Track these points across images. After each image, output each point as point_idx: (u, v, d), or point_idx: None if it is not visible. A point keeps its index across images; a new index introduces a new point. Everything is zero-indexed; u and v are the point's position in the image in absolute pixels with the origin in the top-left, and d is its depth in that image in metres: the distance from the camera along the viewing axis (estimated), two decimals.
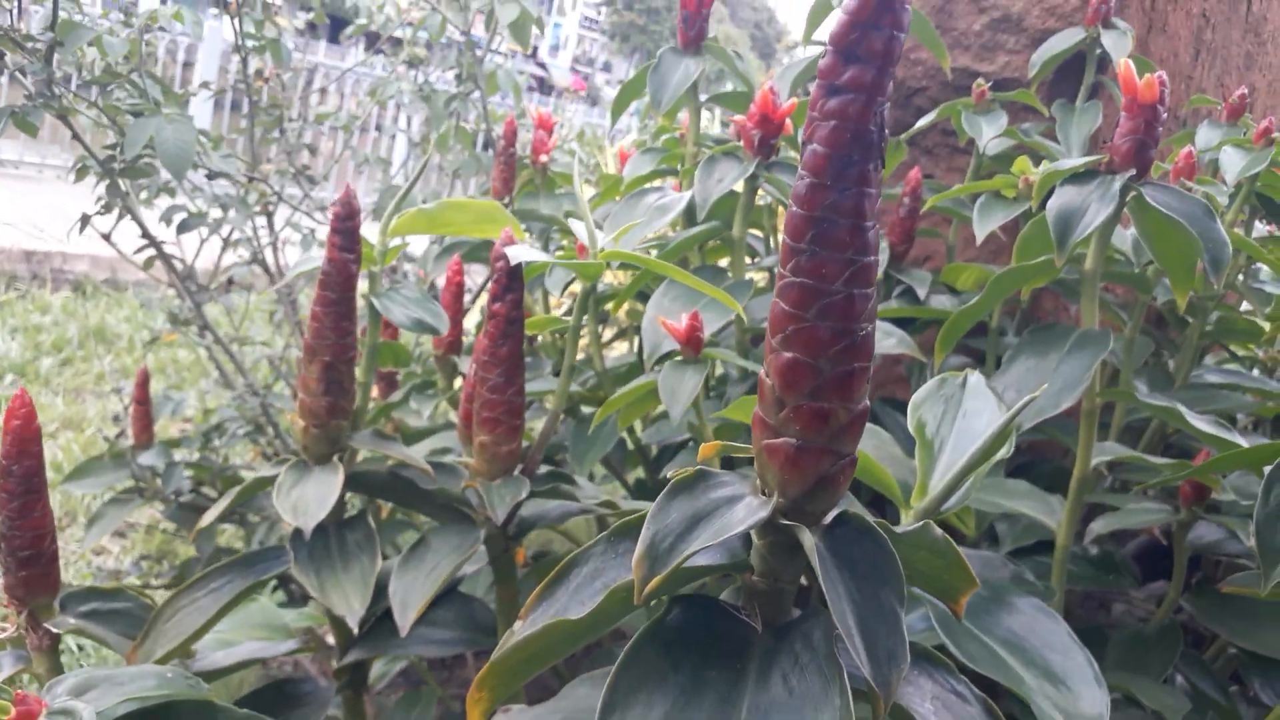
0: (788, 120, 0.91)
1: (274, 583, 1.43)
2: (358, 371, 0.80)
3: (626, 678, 0.37)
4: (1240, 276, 1.09)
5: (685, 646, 0.38)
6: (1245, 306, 1.13)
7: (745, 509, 0.39)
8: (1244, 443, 0.63)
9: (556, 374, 1.25)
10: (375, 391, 1.28)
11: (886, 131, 0.35)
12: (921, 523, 0.40)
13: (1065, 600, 1.09)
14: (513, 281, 0.69)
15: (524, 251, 0.68)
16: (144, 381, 1.45)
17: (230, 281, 1.83)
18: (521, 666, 0.41)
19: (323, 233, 1.56)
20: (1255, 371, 1.16)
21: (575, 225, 0.79)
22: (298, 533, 0.67)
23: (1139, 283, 0.86)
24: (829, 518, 0.39)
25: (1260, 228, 1.12)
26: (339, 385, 0.70)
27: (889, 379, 1.25)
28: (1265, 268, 1.07)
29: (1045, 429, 0.91)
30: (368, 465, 0.78)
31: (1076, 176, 0.67)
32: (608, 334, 1.53)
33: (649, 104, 1.04)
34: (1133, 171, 0.65)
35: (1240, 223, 1.09)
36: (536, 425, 1.55)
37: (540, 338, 1.40)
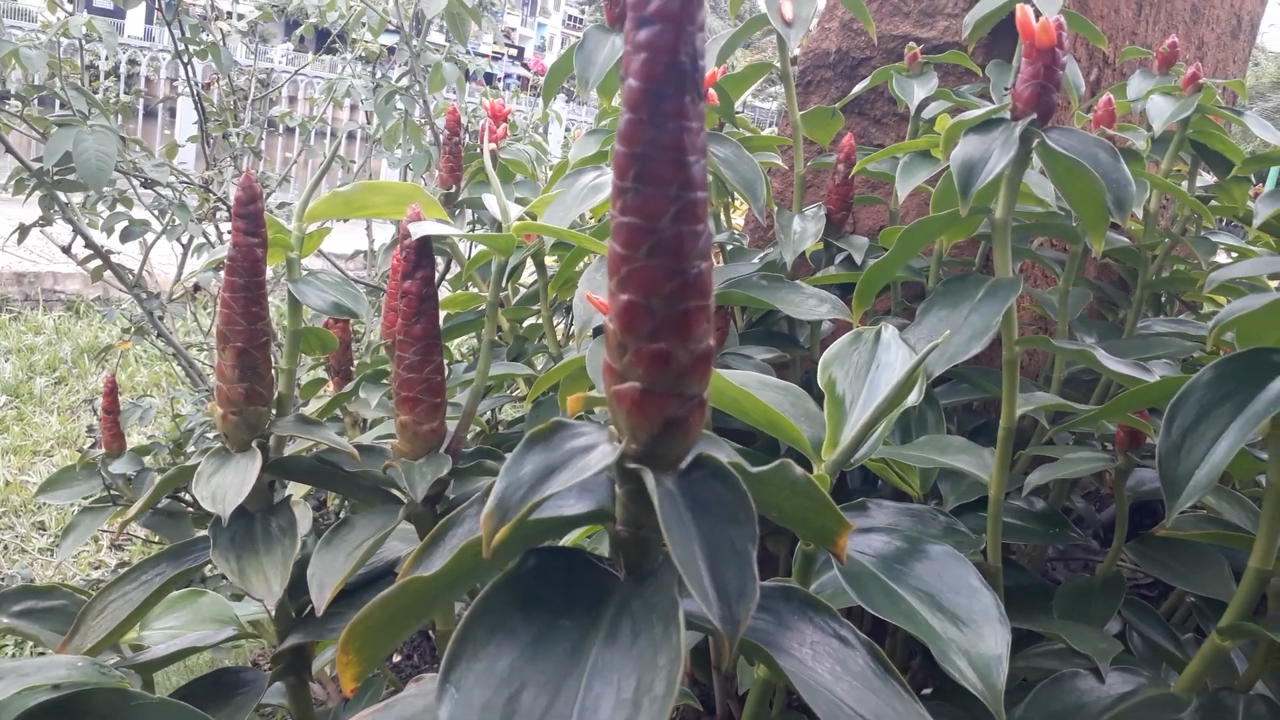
0: (710, 91, 0.91)
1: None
2: (281, 358, 0.80)
3: (477, 629, 0.36)
4: (1190, 228, 1.09)
5: (541, 597, 0.38)
6: None
7: (599, 455, 0.38)
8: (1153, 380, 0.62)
9: (514, 359, 1.25)
10: (330, 386, 1.28)
11: (702, 63, 0.35)
12: (779, 461, 0.40)
13: (1037, 561, 1.09)
14: (421, 258, 0.69)
15: (428, 226, 0.67)
16: (111, 391, 1.44)
17: (196, 287, 1.83)
18: (386, 627, 0.40)
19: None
20: None
21: (487, 199, 0.79)
22: (217, 520, 0.67)
23: (1066, 233, 0.85)
24: (685, 462, 0.39)
25: (1206, 178, 1.11)
26: (254, 371, 0.70)
27: None
28: None
29: (986, 386, 0.91)
30: (299, 451, 0.78)
31: (980, 126, 0.66)
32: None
33: (578, 84, 1.03)
34: (1034, 116, 0.64)
35: (1184, 175, 1.08)
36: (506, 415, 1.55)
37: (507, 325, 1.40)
